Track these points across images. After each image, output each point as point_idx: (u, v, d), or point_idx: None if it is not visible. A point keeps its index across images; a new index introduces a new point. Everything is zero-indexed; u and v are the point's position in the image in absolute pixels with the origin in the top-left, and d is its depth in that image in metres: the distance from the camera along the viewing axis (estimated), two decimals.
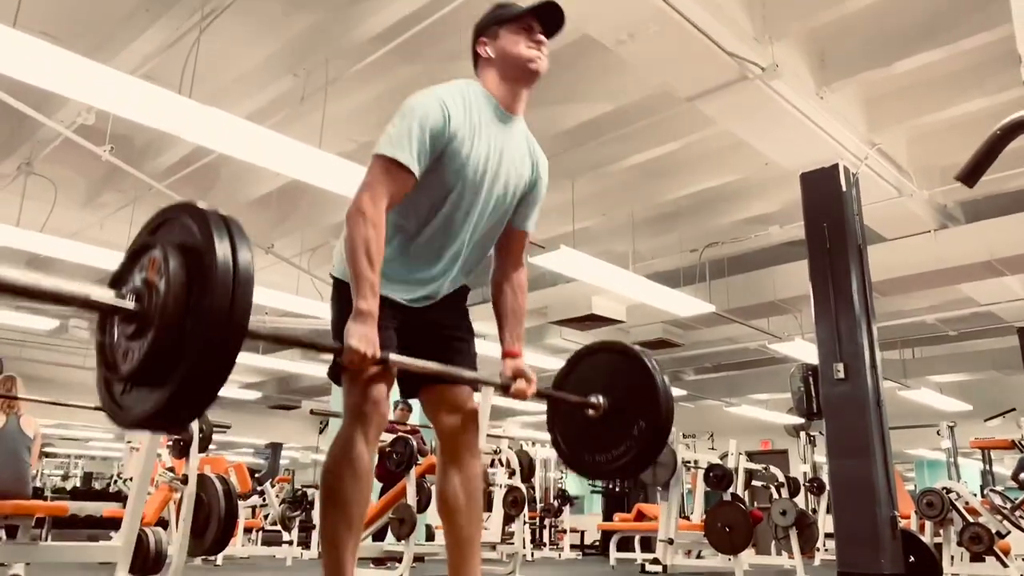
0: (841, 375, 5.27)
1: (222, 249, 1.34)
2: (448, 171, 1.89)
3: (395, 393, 2.03)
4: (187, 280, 1.33)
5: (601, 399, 2.27)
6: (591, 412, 2.27)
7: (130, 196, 6.95)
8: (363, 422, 1.85)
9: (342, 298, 1.92)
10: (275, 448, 19.14)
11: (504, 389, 2.06)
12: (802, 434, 9.35)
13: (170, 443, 4.44)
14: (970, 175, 0.96)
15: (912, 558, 4.95)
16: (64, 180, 6.69)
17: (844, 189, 5.60)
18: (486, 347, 2.31)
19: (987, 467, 11.05)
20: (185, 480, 3.85)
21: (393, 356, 1.76)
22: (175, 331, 1.31)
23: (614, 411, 2.27)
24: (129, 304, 1.36)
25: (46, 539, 7.15)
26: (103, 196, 7.17)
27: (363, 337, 1.70)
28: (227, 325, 1.31)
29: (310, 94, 5.23)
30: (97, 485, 18.12)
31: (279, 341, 1.69)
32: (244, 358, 10.83)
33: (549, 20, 2.00)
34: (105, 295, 1.37)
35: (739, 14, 4.59)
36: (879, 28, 4.79)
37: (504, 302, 2.14)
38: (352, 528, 1.83)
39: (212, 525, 3.95)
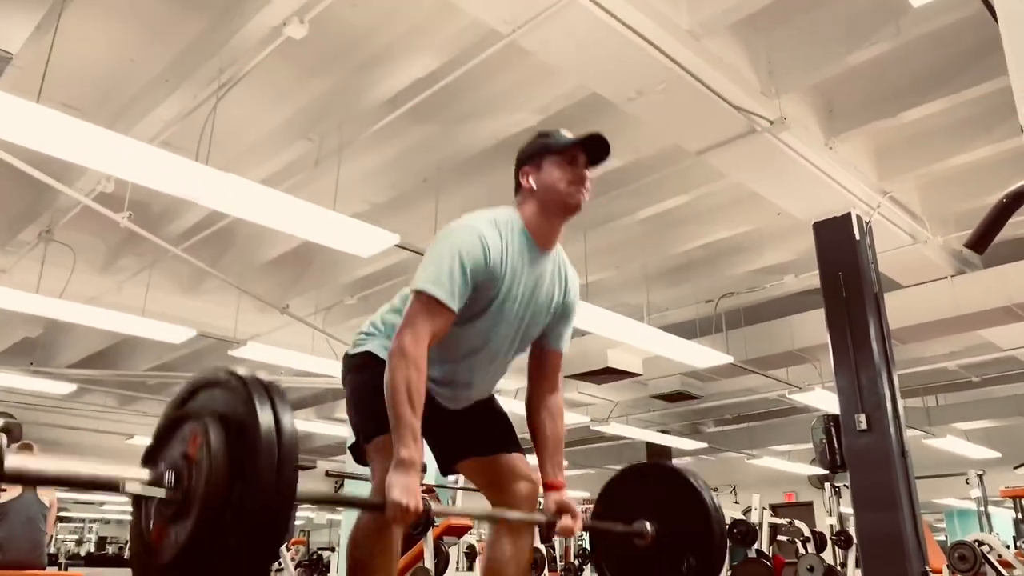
0: (864, 426, 5.18)
1: (265, 415, 1.29)
2: (483, 305, 1.89)
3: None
4: (230, 454, 1.28)
5: (648, 526, 2.20)
6: (639, 541, 2.20)
7: (148, 260, 7.04)
8: None
9: (357, 373, 1.94)
10: None
11: (549, 527, 1.99)
12: (827, 485, 9.17)
13: None
14: (979, 242, 0.95)
15: None
16: (83, 246, 6.80)
17: (858, 237, 5.59)
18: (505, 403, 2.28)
19: (1019, 516, 10.75)
20: None
21: (435, 506, 1.72)
22: (220, 512, 1.25)
23: (662, 539, 2.18)
24: (169, 485, 1.31)
25: None
26: (121, 260, 7.26)
27: (405, 488, 1.64)
28: (275, 501, 1.26)
29: (324, 157, 5.32)
30: (111, 549, 17.96)
31: (324, 502, 1.66)
32: None
33: (596, 151, 1.98)
34: (141, 476, 1.32)
35: (745, 69, 4.65)
36: (884, 80, 4.84)
37: (542, 428, 2.09)
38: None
39: None
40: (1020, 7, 0.96)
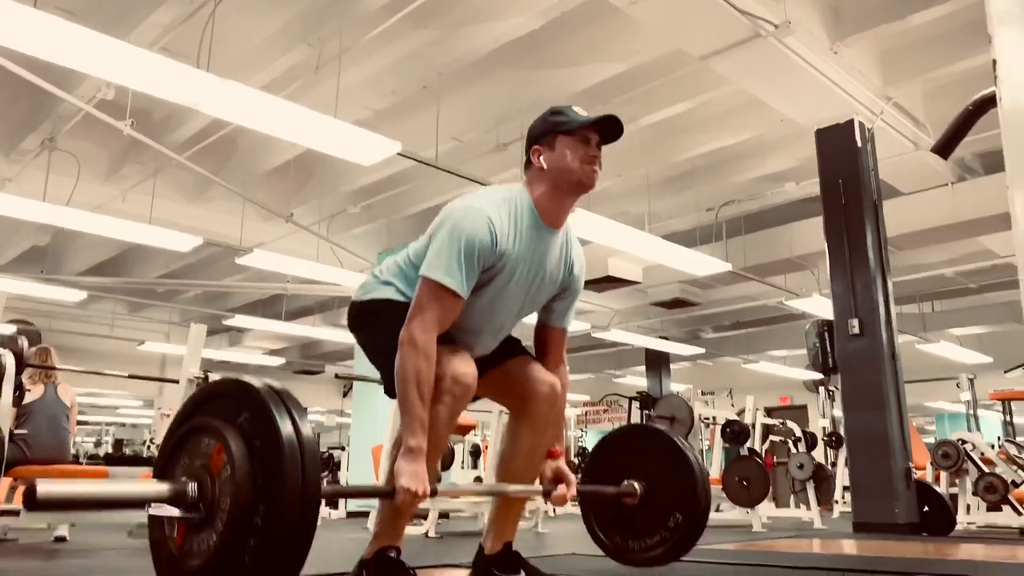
0: (856, 331, 5.32)
1: (286, 429, 1.32)
2: (489, 283, 1.92)
3: None
4: (254, 469, 1.30)
5: (637, 486, 2.30)
6: (628, 500, 2.30)
7: (151, 168, 7.07)
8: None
9: (375, 321, 1.99)
10: None
11: (545, 495, 2.08)
12: (821, 389, 9.42)
13: None
14: (945, 147, 1.02)
15: (927, 508, 5.05)
16: (86, 154, 6.81)
17: (859, 145, 5.59)
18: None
19: (1008, 418, 11.09)
20: None
21: (441, 488, 1.81)
22: (246, 521, 1.28)
23: (650, 497, 2.28)
24: (192, 498, 1.33)
25: None
26: (124, 169, 7.28)
27: (414, 475, 1.73)
28: (301, 509, 1.28)
29: (324, 63, 5.27)
30: (127, 451, 18.63)
31: (341, 496, 1.72)
32: (267, 325, 11.03)
33: (608, 131, 2.00)
34: (161, 490, 1.34)
35: None
36: None
37: None
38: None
39: None
40: None
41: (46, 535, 4.18)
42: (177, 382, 4.52)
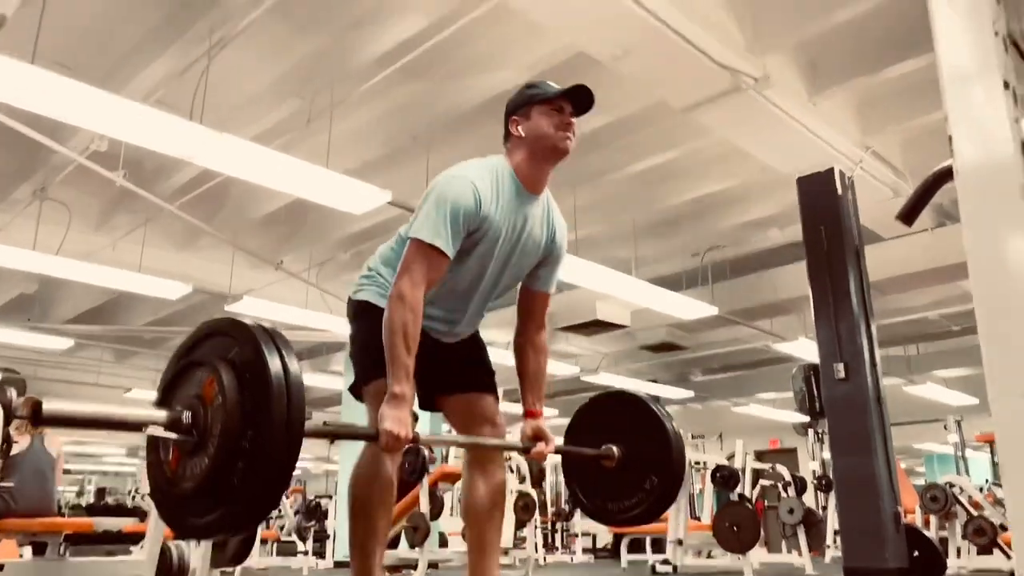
0: (842, 375, 5.37)
1: (274, 362, 1.42)
2: (475, 247, 2.03)
3: None
4: (243, 398, 1.41)
5: (615, 449, 2.37)
6: (607, 463, 2.37)
7: (142, 217, 7.11)
8: None
9: (363, 316, 2.08)
10: None
11: (524, 451, 2.17)
12: (810, 432, 9.45)
13: None
14: (909, 215, 1.09)
15: (916, 552, 5.04)
16: (77, 204, 6.85)
17: (840, 192, 5.70)
18: (499, 355, 2.43)
19: (995, 460, 11.13)
20: None
21: (423, 435, 1.89)
22: (235, 447, 1.38)
23: (628, 460, 2.36)
24: (186, 425, 1.43)
25: (64, 555, 7.29)
26: (115, 218, 7.32)
27: (397, 420, 1.82)
28: (286, 436, 1.39)
29: (316, 115, 5.38)
30: (110, 500, 18.29)
31: (331, 436, 1.81)
32: None
33: (581, 101, 2.12)
34: (159, 417, 1.44)
35: (730, 27, 4.71)
36: (867, 36, 4.90)
37: (527, 363, 2.26)
38: (379, 538, 1.99)
39: (233, 538, 4.08)
40: None
41: None
42: None
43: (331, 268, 8.48)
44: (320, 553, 8.87)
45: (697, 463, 7.91)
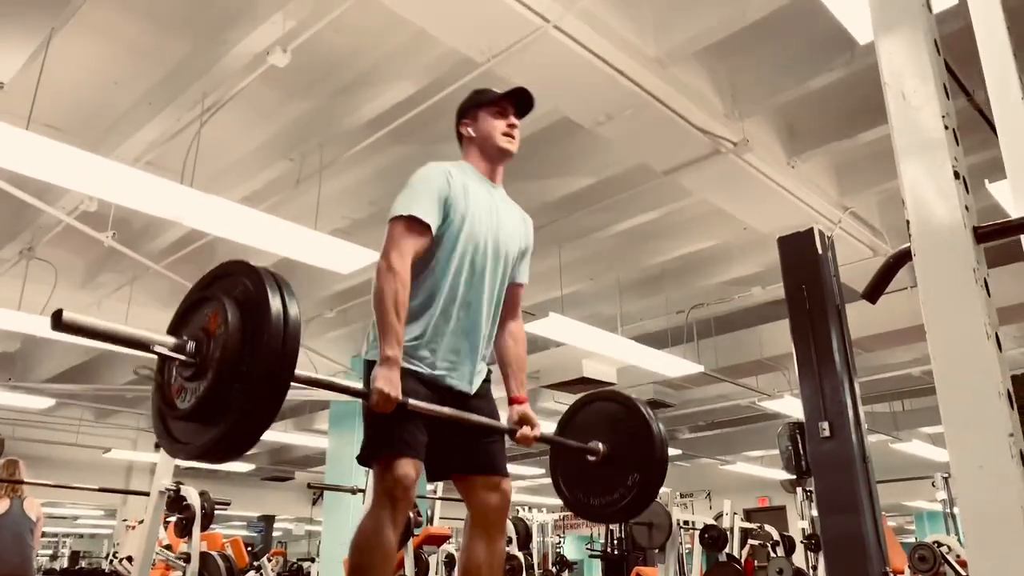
0: (827, 433, 5.40)
1: (275, 301, 1.53)
2: (457, 229, 2.12)
3: None
4: (244, 329, 1.51)
5: (601, 446, 2.43)
6: (591, 458, 2.42)
7: (128, 276, 7.12)
8: (393, 506, 1.97)
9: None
10: (268, 520, 18.90)
11: (511, 434, 2.22)
12: (799, 490, 9.38)
13: (169, 520, 4.51)
14: (872, 294, 1.15)
15: None
16: (64, 262, 6.86)
17: (820, 252, 5.83)
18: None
19: None
20: (187, 559, 3.91)
21: (412, 401, 1.94)
22: (232, 373, 1.49)
23: (612, 457, 2.42)
24: (190, 352, 1.53)
25: None
26: (101, 276, 7.32)
27: (388, 380, 1.89)
28: (279, 367, 1.49)
29: (305, 176, 5.46)
30: (84, 563, 17.79)
31: (315, 384, 1.86)
32: None
33: (521, 103, 2.30)
34: (167, 341, 1.54)
35: (710, 94, 4.87)
36: (842, 103, 5.08)
37: (507, 352, 2.35)
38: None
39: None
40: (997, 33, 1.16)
41: None
42: (147, 494, 4.44)
43: (317, 326, 8.48)
44: None
45: (685, 523, 7.83)
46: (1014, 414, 0.89)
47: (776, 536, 7.40)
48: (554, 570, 10.83)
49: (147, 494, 4.42)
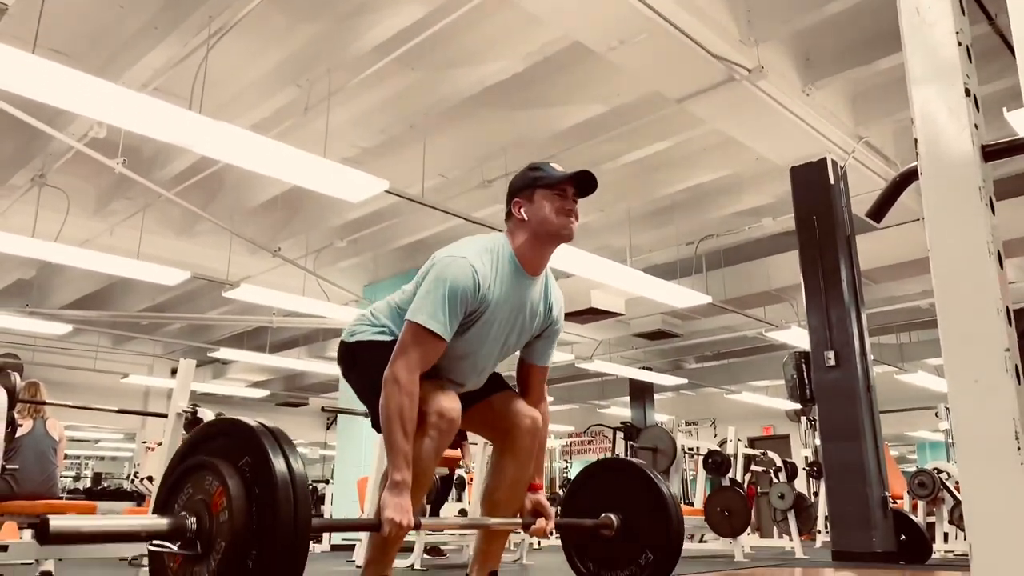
0: (832, 362, 5.46)
1: (280, 469, 1.44)
2: (473, 326, 2.05)
3: None
4: (250, 511, 1.41)
5: (614, 519, 2.42)
6: (605, 532, 2.42)
7: (140, 203, 7.15)
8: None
9: (364, 360, 2.10)
10: None
11: (525, 528, 2.21)
12: (803, 419, 9.53)
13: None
14: (877, 213, 1.16)
15: (904, 536, 5.15)
16: (76, 190, 6.88)
17: (832, 182, 5.78)
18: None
19: None
20: None
21: (424, 520, 1.92)
22: (241, 561, 1.39)
23: (626, 530, 2.41)
24: (191, 532, 1.44)
25: None
26: (113, 204, 7.35)
27: (398, 507, 1.84)
28: (294, 541, 1.41)
29: (313, 103, 5.41)
30: (106, 484, 18.38)
31: (329, 530, 1.83)
32: (251, 357, 11.05)
33: (584, 184, 2.10)
34: (161, 525, 1.44)
35: (725, 19, 4.76)
36: (860, 28, 4.96)
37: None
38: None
39: None
40: None
41: (31, 570, 4.19)
42: (165, 416, 4.56)
43: (328, 255, 8.53)
44: (317, 538, 8.95)
45: (690, 449, 8.00)
46: (1011, 330, 0.91)
47: (778, 462, 7.56)
48: (562, 493, 11.14)
49: (165, 415, 4.55)
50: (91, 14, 4.90)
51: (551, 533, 2.26)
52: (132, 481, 11.29)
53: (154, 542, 1.44)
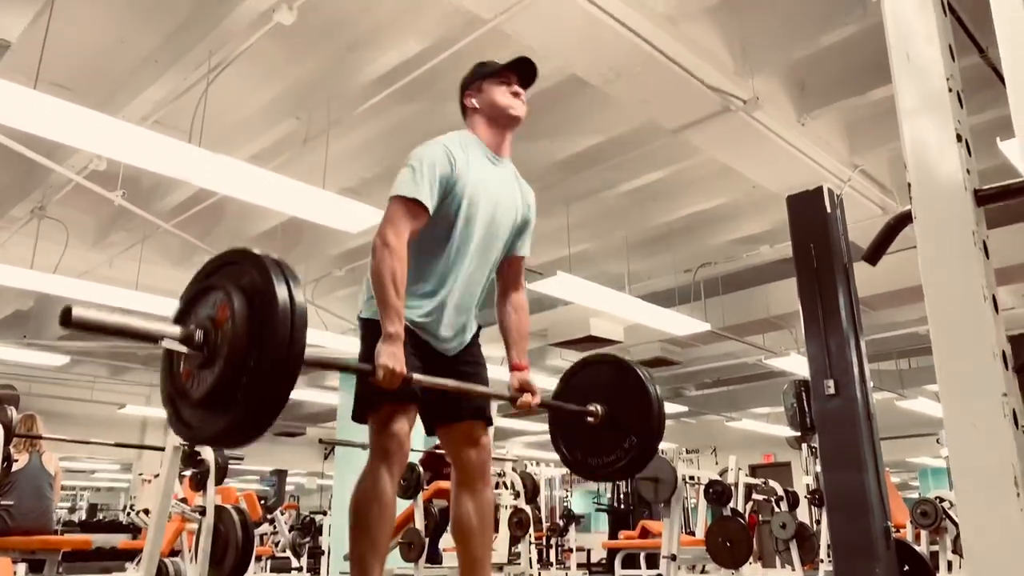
0: (832, 391, 5.43)
1: (281, 291, 1.54)
2: (455, 206, 2.15)
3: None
4: (251, 320, 1.53)
5: (599, 408, 2.48)
6: (590, 419, 2.48)
7: (138, 235, 7.16)
8: (388, 459, 2.06)
9: (370, 335, 2.12)
10: (280, 475, 19.24)
11: (511, 401, 2.27)
12: (804, 446, 9.48)
13: (184, 474, 4.60)
14: (872, 256, 1.17)
15: (907, 567, 5.09)
16: (75, 221, 6.90)
17: (829, 210, 5.79)
18: (494, 371, 2.51)
19: None
20: (202, 512, 4.01)
21: (416, 375, 1.97)
22: (241, 362, 1.51)
23: (611, 419, 2.48)
24: (198, 343, 1.55)
25: (60, 573, 7.28)
26: (112, 236, 7.37)
27: (391, 355, 1.93)
28: (287, 356, 1.51)
29: (313, 135, 5.45)
30: (102, 516, 18.21)
31: (323, 366, 1.90)
32: None
33: (525, 73, 2.33)
34: (175, 332, 1.56)
35: (720, 51, 4.81)
36: (854, 59, 5.00)
37: (508, 322, 2.40)
38: (378, 554, 2.05)
39: (230, 555, 4.10)
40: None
41: None
42: (163, 449, 4.53)
43: (326, 284, 8.53)
44: (315, 569, 8.86)
45: (691, 478, 7.94)
46: (1008, 374, 0.91)
47: (780, 491, 7.50)
48: (561, 523, 11.04)
49: (162, 449, 4.52)
50: (93, 49, 4.95)
51: (535, 407, 2.31)
52: (128, 513, 11.18)
53: (166, 341, 1.54)
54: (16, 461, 4.30)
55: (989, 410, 0.90)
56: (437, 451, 6.48)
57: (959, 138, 1.00)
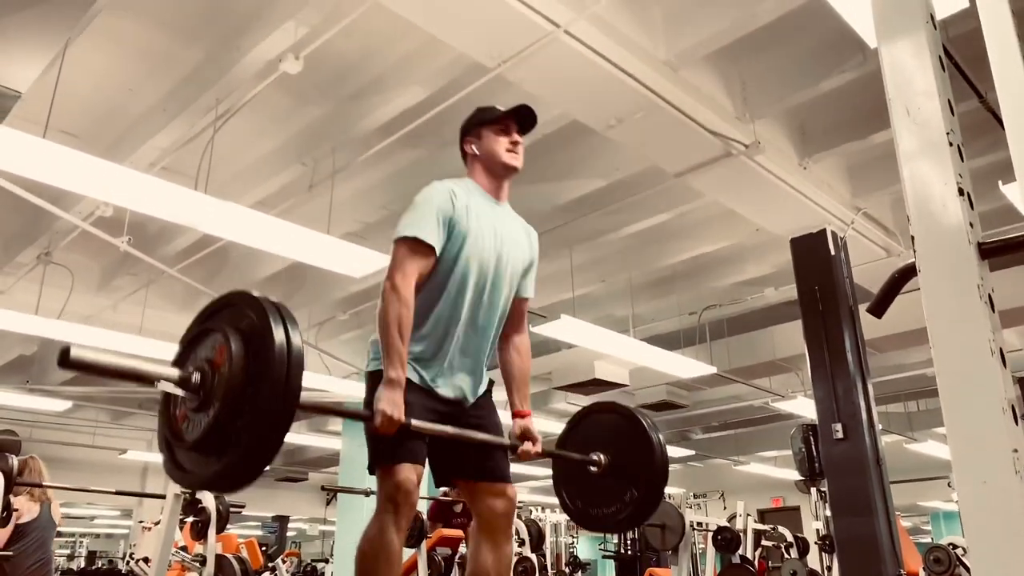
0: (840, 435, 5.38)
1: (278, 333, 1.54)
2: (462, 250, 2.15)
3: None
4: (247, 362, 1.53)
5: (602, 457, 2.46)
6: (593, 468, 2.45)
7: (143, 280, 7.19)
8: (395, 511, 2.02)
9: (374, 386, 2.09)
10: (282, 521, 19.00)
11: (512, 449, 2.23)
12: (813, 490, 9.34)
13: (185, 522, 4.55)
14: (877, 309, 1.16)
15: None
16: (80, 267, 6.94)
17: (832, 253, 5.81)
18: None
19: None
20: (203, 561, 3.95)
21: (415, 422, 1.96)
22: (237, 406, 1.50)
23: (613, 469, 2.45)
24: (195, 385, 1.55)
25: None
26: (117, 280, 7.40)
27: (391, 401, 1.92)
28: (282, 400, 1.51)
29: (317, 181, 5.50)
30: (101, 563, 17.94)
31: (323, 411, 1.88)
32: None
33: (524, 119, 2.33)
34: (171, 374, 1.56)
35: (721, 96, 4.87)
36: (854, 104, 5.05)
37: (511, 366, 2.37)
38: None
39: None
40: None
41: None
42: (164, 497, 4.49)
43: (330, 328, 8.53)
44: None
45: (699, 524, 7.81)
46: (1018, 429, 0.90)
47: (789, 537, 7.38)
48: (567, 570, 10.83)
49: (163, 497, 4.48)
50: (102, 97, 5.03)
51: (537, 457, 2.27)
52: (127, 562, 11.03)
53: (162, 383, 1.53)
54: (18, 510, 4.25)
55: (1000, 467, 0.88)
56: (445, 498, 6.40)
57: (961, 192, 0.99)
